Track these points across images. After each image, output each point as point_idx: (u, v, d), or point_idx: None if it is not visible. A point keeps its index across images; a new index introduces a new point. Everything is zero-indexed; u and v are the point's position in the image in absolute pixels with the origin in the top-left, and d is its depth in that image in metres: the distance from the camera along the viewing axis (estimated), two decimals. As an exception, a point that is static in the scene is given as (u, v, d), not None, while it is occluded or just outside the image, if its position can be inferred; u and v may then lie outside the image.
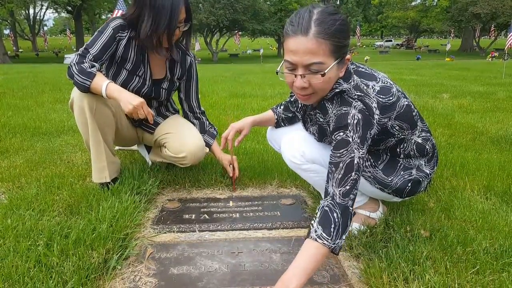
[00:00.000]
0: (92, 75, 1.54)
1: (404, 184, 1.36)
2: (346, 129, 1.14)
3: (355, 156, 1.12)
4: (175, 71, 1.89)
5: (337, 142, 1.14)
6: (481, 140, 2.81)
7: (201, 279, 1.21)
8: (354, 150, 1.12)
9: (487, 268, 1.15)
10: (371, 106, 1.18)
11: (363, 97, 1.18)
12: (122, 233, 1.39)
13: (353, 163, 1.11)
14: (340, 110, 1.19)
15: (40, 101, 4.66)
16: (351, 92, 1.19)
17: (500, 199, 1.72)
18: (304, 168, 1.42)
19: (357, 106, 1.17)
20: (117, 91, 1.55)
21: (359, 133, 1.14)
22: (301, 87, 1.15)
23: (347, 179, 1.10)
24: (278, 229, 1.58)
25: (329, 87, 1.20)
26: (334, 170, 1.13)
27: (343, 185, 1.10)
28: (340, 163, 1.12)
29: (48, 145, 2.66)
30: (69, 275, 1.10)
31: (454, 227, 1.42)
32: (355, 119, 1.14)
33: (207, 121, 2.09)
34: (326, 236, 1.04)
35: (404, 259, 1.21)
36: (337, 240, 1.05)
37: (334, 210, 1.08)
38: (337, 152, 1.13)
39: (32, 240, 1.29)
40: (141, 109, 1.55)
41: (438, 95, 5.30)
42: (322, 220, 1.07)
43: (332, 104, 1.24)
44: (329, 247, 1.04)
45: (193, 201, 1.85)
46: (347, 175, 1.11)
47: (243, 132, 1.63)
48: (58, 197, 1.68)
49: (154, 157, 2.08)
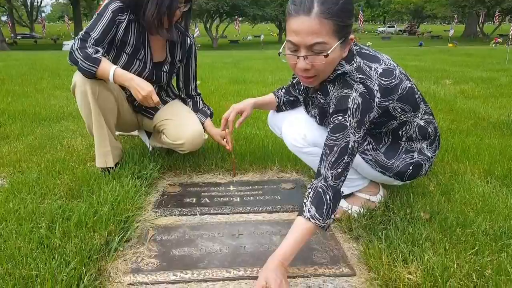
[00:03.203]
0: (98, 61, 1.53)
1: (406, 167, 1.35)
2: (345, 113, 1.14)
3: (350, 140, 1.13)
4: (176, 53, 1.87)
5: (335, 125, 1.15)
6: (483, 125, 2.80)
7: (202, 260, 1.22)
8: (350, 134, 1.14)
9: (486, 249, 1.16)
10: (373, 88, 1.17)
11: (365, 79, 1.17)
12: (123, 216, 1.40)
13: (348, 147, 1.13)
14: (341, 92, 1.18)
15: (39, 87, 4.65)
16: (353, 74, 1.18)
17: (500, 183, 1.72)
18: (305, 152, 1.42)
19: (358, 89, 1.16)
20: (127, 80, 1.56)
21: (357, 117, 1.14)
22: (303, 68, 1.14)
23: (340, 162, 1.13)
24: (278, 213, 1.59)
25: (332, 68, 1.19)
26: (328, 153, 1.14)
27: (335, 168, 1.13)
28: (334, 147, 1.14)
29: (48, 131, 2.66)
30: (71, 256, 1.11)
31: (454, 210, 1.42)
32: (355, 104, 1.14)
33: (201, 101, 2.07)
34: (318, 217, 1.09)
35: (403, 241, 1.21)
36: (327, 220, 1.11)
37: (327, 192, 1.11)
38: (333, 135, 1.15)
39: (34, 222, 1.30)
40: (151, 98, 1.57)
41: (440, 81, 5.26)
42: (315, 201, 1.11)
43: (334, 86, 1.23)
44: (320, 226, 1.10)
45: (194, 186, 1.85)
46: (340, 158, 1.13)
47: (244, 114, 1.59)
48: (59, 181, 1.69)
49: (155, 142, 2.08)
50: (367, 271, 1.16)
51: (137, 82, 1.56)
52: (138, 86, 1.55)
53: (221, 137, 1.92)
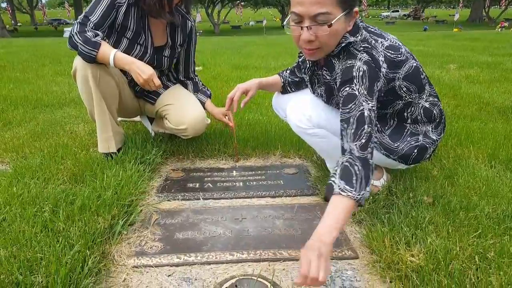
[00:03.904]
0: (98, 45, 1.51)
1: (410, 150, 1.35)
2: (351, 83, 1.12)
3: (365, 108, 1.10)
4: (176, 37, 1.85)
5: (344, 97, 1.13)
6: (487, 110, 2.77)
7: (205, 243, 1.23)
8: (362, 102, 1.10)
9: (489, 232, 1.16)
10: (378, 59, 1.15)
11: (370, 49, 1.16)
12: (126, 200, 1.40)
13: (364, 115, 1.09)
14: (345, 64, 1.17)
15: (41, 74, 4.63)
16: (357, 44, 1.17)
17: (504, 167, 1.71)
18: (310, 133, 1.41)
19: (362, 58, 1.14)
20: (127, 63, 1.55)
21: (365, 85, 1.11)
22: (307, 40, 1.13)
23: (360, 132, 1.08)
24: (281, 197, 1.59)
25: (336, 41, 1.17)
26: (346, 127, 1.11)
27: (358, 139, 1.08)
28: (350, 118, 1.10)
29: (50, 117, 2.66)
30: (75, 239, 1.12)
31: (457, 194, 1.42)
32: (360, 71, 1.12)
33: (200, 82, 2.06)
34: (349, 189, 1.01)
35: (406, 224, 1.21)
36: (362, 191, 1.03)
37: (354, 164, 1.06)
38: (345, 108, 1.12)
39: (37, 206, 1.30)
40: (152, 82, 1.55)
41: (445, 65, 5.19)
42: (343, 175, 1.04)
43: (339, 60, 1.21)
44: (355, 199, 1.01)
45: (197, 171, 1.85)
46: (359, 128, 1.09)
47: (249, 93, 1.57)
48: (63, 166, 1.69)
49: (157, 128, 2.07)
50: (369, 254, 1.17)
51: (138, 65, 1.55)
52: (139, 69, 1.54)
53: (223, 115, 1.91)
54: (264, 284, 1.02)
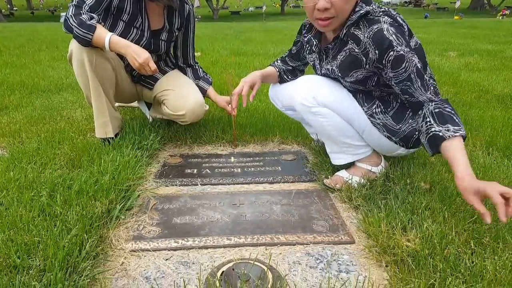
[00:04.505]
0: (93, 28, 1.49)
1: (412, 132, 1.35)
2: (391, 47, 1.18)
3: (415, 62, 1.19)
4: (174, 21, 1.82)
5: (392, 62, 1.19)
6: (486, 98, 2.76)
7: (203, 228, 1.24)
8: (411, 57, 1.18)
9: (485, 217, 1.16)
10: (397, 18, 1.24)
11: (388, 11, 1.23)
12: (124, 185, 1.40)
13: (418, 68, 1.19)
14: (372, 30, 1.21)
15: (37, 59, 4.58)
16: (375, 10, 1.24)
17: (502, 154, 1.72)
18: (313, 112, 1.39)
19: (386, 21, 1.21)
20: (123, 47, 1.52)
21: (403, 42, 1.19)
22: (323, 8, 1.19)
23: (426, 83, 1.20)
24: (279, 183, 1.59)
25: (349, 8, 1.24)
26: (410, 84, 1.20)
27: (428, 89, 1.19)
28: (410, 75, 1.19)
29: (47, 102, 2.64)
30: (73, 223, 1.12)
31: (454, 180, 1.41)
32: (392, 33, 1.19)
33: (200, 68, 2.04)
34: (457, 128, 1.09)
35: (403, 210, 1.22)
36: (462, 125, 1.11)
37: (444, 107, 1.15)
38: (399, 69, 1.19)
39: (35, 191, 1.30)
40: (148, 66, 1.54)
41: (445, 53, 5.16)
42: (442, 120, 1.12)
43: (361, 29, 1.25)
44: (463, 136, 1.09)
45: (195, 157, 1.85)
46: (422, 80, 1.19)
47: (255, 87, 1.57)
48: (60, 151, 1.69)
49: (155, 114, 2.06)
50: (366, 238, 1.17)
51: (134, 49, 1.52)
52: (134, 53, 1.52)
53: (226, 103, 1.90)
54: (261, 268, 1.03)
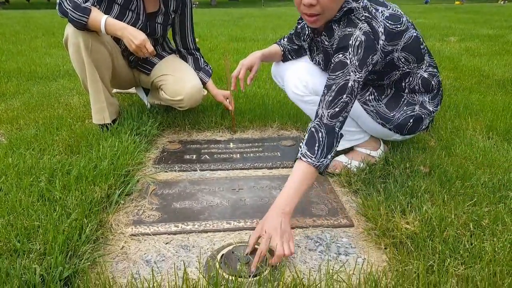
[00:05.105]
0: (88, 11, 1.46)
1: (406, 120, 1.34)
2: (346, 51, 1.10)
3: (350, 79, 1.10)
4: (169, 3, 1.79)
5: (335, 64, 1.12)
6: (487, 83, 2.74)
7: (203, 212, 1.24)
8: (350, 72, 1.09)
9: (484, 200, 1.17)
10: (377, 30, 1.13)
11: (370, 19, 1.13)
12: (123, 171, 1.40)
13: (347, 85, 1.09)
14: (345, 31, 1.14)
15: (34, 46, 4.53)
16: (359, 12, 1.15)
17: (501, 138, 1.71)
18: (305, 100, 1.39)
19: (362, 28, 1.12)
20: (119, 29, 1.50)
21: (359, 55, 1.10)
22: (309, 3, 1.11)
23: (337, 101, 1.10)
24: (278, 168, 1.59)
25: (337, 7, 1.15)
26: (326, 92, 1.12)
27: (332, 107, 1.10)
28: (333, 85, 1.10)
29: (44, 89, 2.62)
30: (72, 208, 1.12)
31: (454, 164, 1.42)
32: (357, 41, 1.10)
33: (202, 58, 2.02)
34: (310, 155, 1.05)
35: (402, 193, 1.22)
36: (322, 159, 1.06)
37: (319, 130, 1.09)
38: (333, 74, 1.11)
39: (34, 176, 1.30)
40: (145, 48, 1.52)
41: (446, 38, 5.11)
42: (308, 140, 1.09)
43: (339, 26, 1.19)
44: (314, 165, 1.05)
45: (194, 143, 1.85)
46: (337, 97, 1.10)
47: (254, 68, 1.53)
48: (58, 137, 1.68)
49: (153, 99, 2.04)
50: (365, 222, 1.18)
51: (130, 31, 1.50)
52: (130, 35, 1.50)
53: (224, 97, 1.89)
54: (260, 250, 1.03)
